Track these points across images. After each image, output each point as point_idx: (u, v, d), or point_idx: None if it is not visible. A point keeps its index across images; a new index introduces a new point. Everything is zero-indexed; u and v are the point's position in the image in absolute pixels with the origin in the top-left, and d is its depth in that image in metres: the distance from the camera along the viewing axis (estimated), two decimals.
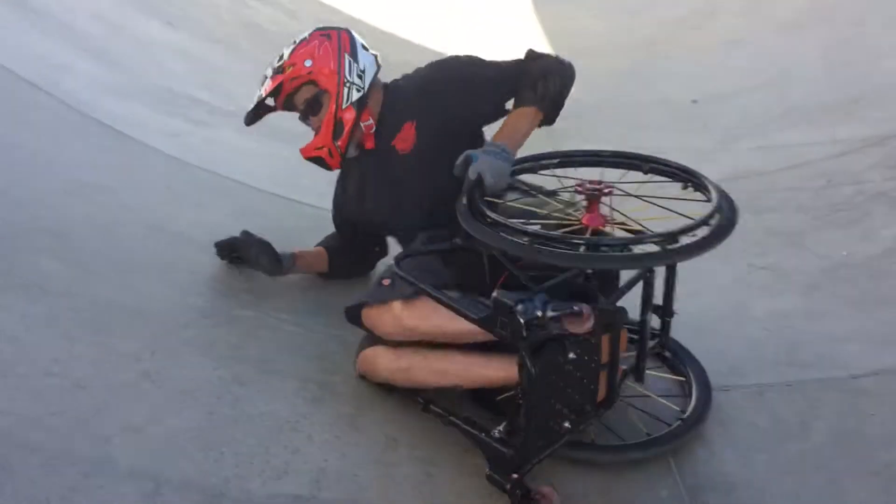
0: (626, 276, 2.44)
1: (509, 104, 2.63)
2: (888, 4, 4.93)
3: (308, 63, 2.65)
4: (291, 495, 2.06)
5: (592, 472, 2.38)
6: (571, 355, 2.07)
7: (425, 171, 2.64)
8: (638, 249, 2.11)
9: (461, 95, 2.62)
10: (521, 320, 2.00)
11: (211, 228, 3.05)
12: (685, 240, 2.13)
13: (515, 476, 2.13)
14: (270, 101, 2.77)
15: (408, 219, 2.72)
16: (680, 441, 2.48)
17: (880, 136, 3.93)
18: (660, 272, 2.48)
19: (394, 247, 2.98)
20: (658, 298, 2.53)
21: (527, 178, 2.71)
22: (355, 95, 2.66)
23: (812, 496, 2.28)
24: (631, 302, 2.29)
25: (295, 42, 2.75)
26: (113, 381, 2.22)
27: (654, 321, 2.56)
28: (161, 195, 3.19)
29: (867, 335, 2.90)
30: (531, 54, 2.64)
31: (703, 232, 2.18)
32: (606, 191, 2.36)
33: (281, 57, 2.71)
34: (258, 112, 2.81)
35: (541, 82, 2.52)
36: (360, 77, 2.67)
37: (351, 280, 3.05)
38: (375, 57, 2.76)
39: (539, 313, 1.99)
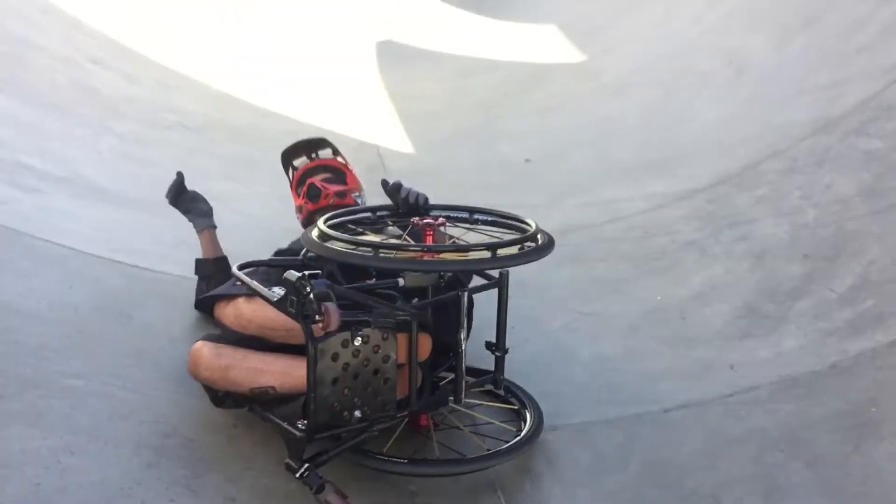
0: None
1: None
2: (695, 71, 5.42)
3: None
4: None
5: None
6: (357, 343, 2.25)
7: None
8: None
9: None
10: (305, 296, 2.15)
11: (39, 296, 2.99)
12: (508, 251, 2.39)
13: (307, 464, 2.27)
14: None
15: None
16: (516, 455, 2.66)
17: (689, 190, 4.30)
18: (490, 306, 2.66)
19: None
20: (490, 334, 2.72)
21: None
22: None
23: None
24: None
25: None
26: None
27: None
28: None
29: (678, 371, 3.17)
30: None
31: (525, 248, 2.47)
32: (439, 223, 2.77)
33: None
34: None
35: None
36: None
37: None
38: None
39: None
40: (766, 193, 4.05)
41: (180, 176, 3.22)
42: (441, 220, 2.81)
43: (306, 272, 2.20)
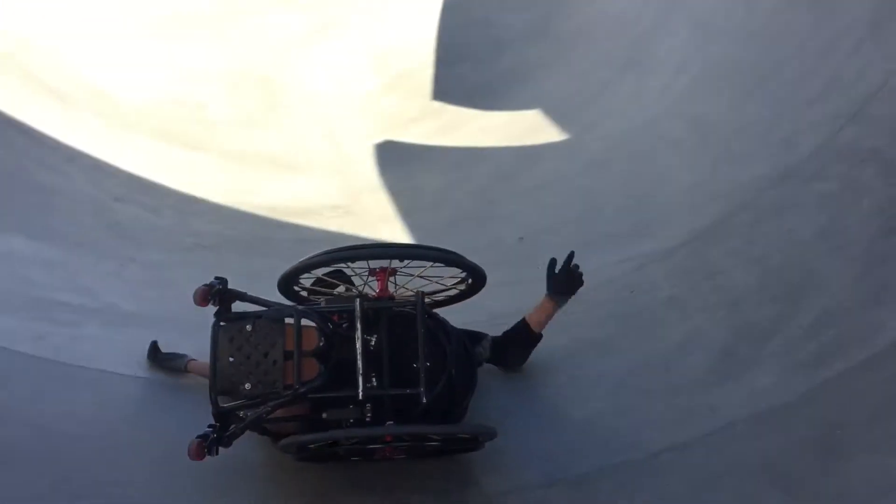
0: None
1: None
2: (667, 138, 5.78)
3: None
4: None
5: None
6: (248, 327, 2.93)
7: None
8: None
9: None
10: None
11: (76, 418, 3.35)
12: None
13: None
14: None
15: None
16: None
17: (668, 249, 4.60)
18: None
19: None
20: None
21: None
22: None
23: None
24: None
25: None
26: None
27: None
28: (28, 393, 3.46)
29: (663, 419, 3.45)
30: None
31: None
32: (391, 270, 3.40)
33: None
34: None
35: None
36: None
37: None
38: None
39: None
40: (736, 245, 4.34)
41: (153, 344, 3.90)
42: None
43: None
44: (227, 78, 8.85)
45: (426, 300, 3.35)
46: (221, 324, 2.98)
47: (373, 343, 3.11)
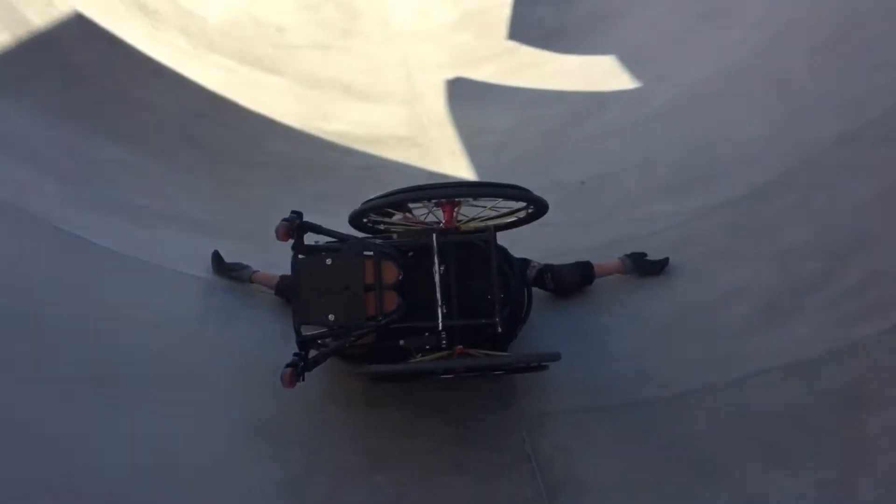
0: None
1: None
2: (737, 92, 5.77)
3: None
4: None
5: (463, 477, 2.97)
6: (328, 261, 3.04)
7: None
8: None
9: None
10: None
11: (154, 310, 3.65)
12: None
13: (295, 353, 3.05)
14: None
15: None
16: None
17: (725, 202, 4.66)
18: None
19: None
20: None
21: None
22: None
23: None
24: None
25: None
26: None
27: None
28: (109, 283, 3.77)
29: (699, 361, 3.59)
30: None
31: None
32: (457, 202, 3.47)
33: None
34: None
35: None
36: None
37: None
38: None
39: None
40: (794, 202, 4.38)
41: (216, 253, 4.08)
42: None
43: None
44: (308, 1, 9.04)
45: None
46: (300, 257, 3.10)
47: (440, 272, 3.22)
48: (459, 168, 6.23)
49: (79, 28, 6.01)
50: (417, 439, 3.13)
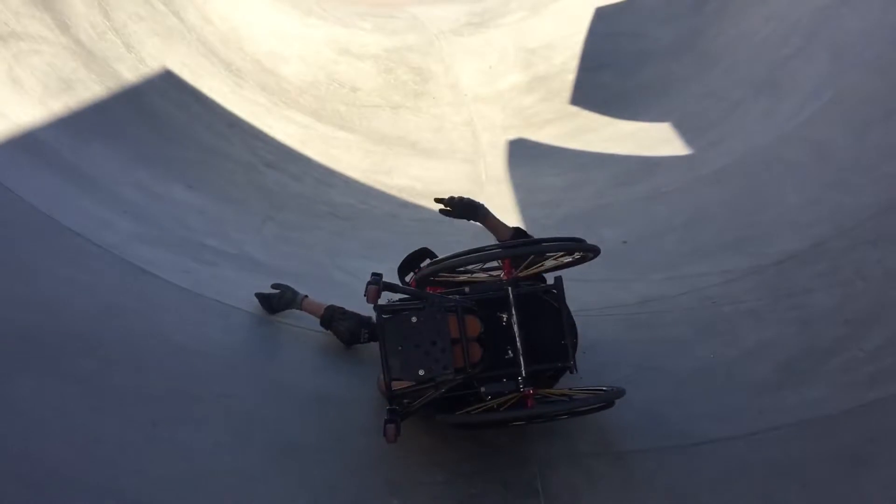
0: None
1: None
2: (784, 160, 5.91)
3: None
4: None
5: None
6: (413, 319, 3.19)
7: None
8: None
9: None
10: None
11: (208, 341, 3.99)
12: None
13: (388, 407, 3.20)
14: None
15: None
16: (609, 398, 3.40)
17: (759, 266, 4.80)
18: None
19: None
20: None
21: None
22: None
23: None
24: None
25: None
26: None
27: None
28: (171, 315, 4.14)
29: (714, 415, 3.71)
30: None
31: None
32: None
33: None
34: None
35: None
36: None
37: None
38: None
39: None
40: (824, 268, 4.49)
41: (260, 295, 4.34)
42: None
43: None
44: (383, 63, 9.55)
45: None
46: (385, 316, 3.29)
47: (504, 320, 3.45)
48: (508, 223, 6.48)
49: (165, 82, 6.58)
50: (432, 470, 3.34)
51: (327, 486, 3.24)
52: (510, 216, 6.70)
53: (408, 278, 4.39)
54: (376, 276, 3.34)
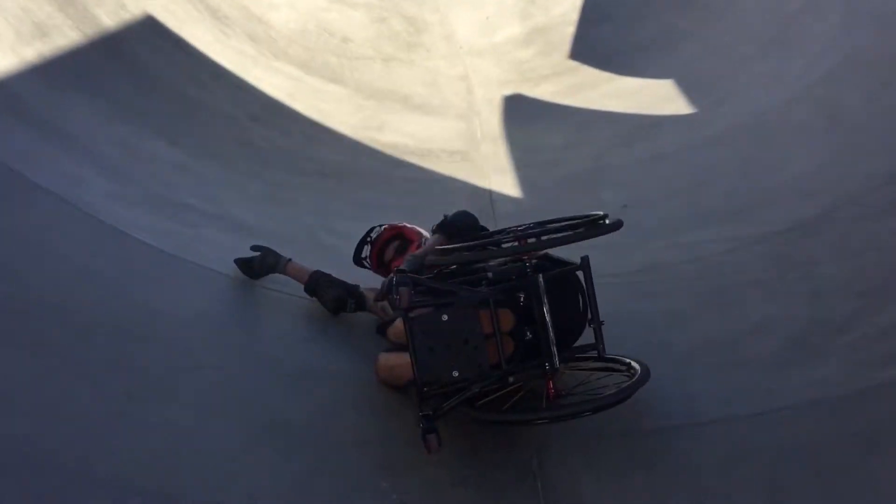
0: None
1: None
2: (793, 123, 5.68)
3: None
4: None
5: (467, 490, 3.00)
6: (444, 317, 3.01)
7: None
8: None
9: None
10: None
11: (187, 307, 3.78)
12: None
13: (422, 413, 3.03)
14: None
15: None
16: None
17: (766, 234, 4.59)
18: None
19: None
20: None
21: None
22: None
23: None
24: None
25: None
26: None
27: None
28: (151, 280, 3.92)
29: (720, 393, 3.53)
30: None
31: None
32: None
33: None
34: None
35: None
36: None
37: None
38: None
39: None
40: (834, 238, 4.29)
41: (238, 261, 4.11)
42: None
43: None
44: (376, 12, 9.21)
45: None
46: (411, 316, 3.08)
47: (522, 300, 3.25)
48: (505, 185, 6.27)
49: (147, 29, 6.26)
50: (423, 449, 3.16)
51: (313, 468, 3.06)
52: (505, 178, 6.47)
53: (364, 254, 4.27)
54: (403, 276, 3.11)
